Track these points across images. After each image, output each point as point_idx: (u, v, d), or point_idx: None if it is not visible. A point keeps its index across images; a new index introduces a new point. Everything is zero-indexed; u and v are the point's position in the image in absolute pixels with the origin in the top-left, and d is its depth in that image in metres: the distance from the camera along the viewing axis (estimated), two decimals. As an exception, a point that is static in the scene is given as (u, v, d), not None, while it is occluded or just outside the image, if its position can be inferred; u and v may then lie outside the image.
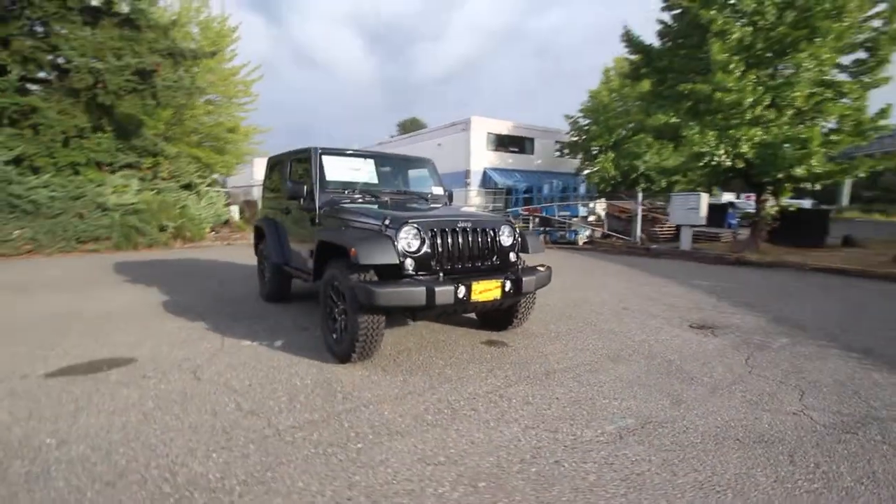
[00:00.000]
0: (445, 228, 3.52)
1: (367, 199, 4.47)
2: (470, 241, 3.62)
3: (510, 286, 3.52)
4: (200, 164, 17.15)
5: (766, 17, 9.76)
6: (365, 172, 4.74)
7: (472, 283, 3.31)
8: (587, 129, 23.47)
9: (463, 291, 3.24)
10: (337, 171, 4.56)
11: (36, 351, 3.82)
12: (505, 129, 26.92)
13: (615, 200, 16.79)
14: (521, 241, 3.93)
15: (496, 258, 3.77)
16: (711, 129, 10.30)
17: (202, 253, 11.40)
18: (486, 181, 25.34)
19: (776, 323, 4.87)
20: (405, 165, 5.38)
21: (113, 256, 10.53)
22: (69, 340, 4.11)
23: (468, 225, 3.62)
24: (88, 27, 11.79)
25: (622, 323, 4.84)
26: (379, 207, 4.13)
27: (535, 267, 3.95)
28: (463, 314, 4.39)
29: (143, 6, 12.44)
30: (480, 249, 3.68)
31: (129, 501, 1.92)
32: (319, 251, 3.88)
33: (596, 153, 22.90)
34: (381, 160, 5.05)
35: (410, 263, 3.35)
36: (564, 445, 2.38)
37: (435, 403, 2.86)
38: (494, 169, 25.81)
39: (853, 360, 3.73)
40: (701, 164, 10.84)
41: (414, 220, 3.42)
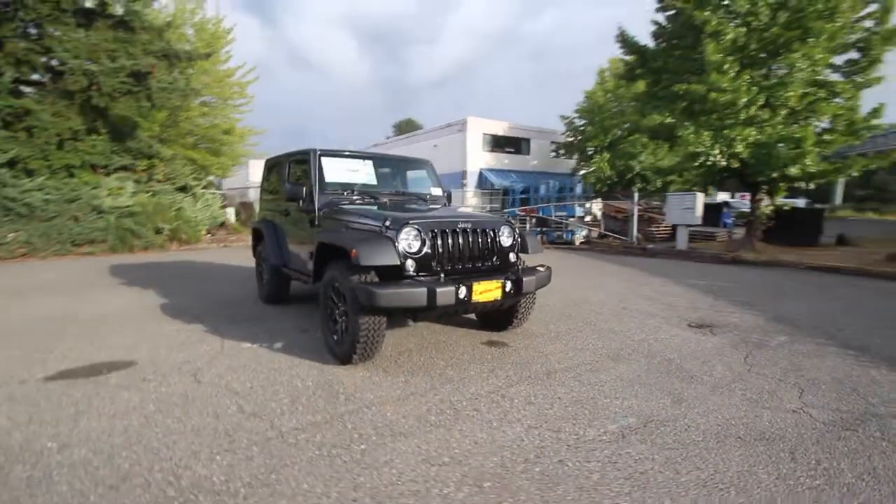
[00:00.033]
0: (446, 229, 3.52)
1: (366, 200, 4.47)
2: (470, 241, 3.63)
3: (511, 286, 3.53)
4: (196, 166, 17.09)
5: (759, 17, 9.84)
6: (364, 174, 4.74)
7: (472, 283, 3.32)
8: (583, 129, 23.55)
9: (464, 292, 3.25)
10: (336, 172, 4.56)
11: (33, 355, 3.79)
12: (501, 129, 26.96)
13: (611, 200, 16.85)
14: (520, 241, 3.94)
15: (496, 259, 3.77)
16: (706, 129, 10.37)
17: (198, 255, 11.34)
18: (482, 182, 25.35)
19: (774, 321, 4.90)
20: (404, 166, 5.38)
21: (108, 259, 10.46)
22: (66, 344, 4.08)
23: (468, 226, 3.63)
24: (82, 29, 11.71)
25: (621, 322, 4.86)
26: (378, 209, 4.14)
27: (534, 267, 3.96)
28: (463, 315, 4.39)
29: (137, 8, 12.38)
30: (481, 250, 3.69)
31: (133, 505, 1.92)
32: (319, 253, 3.88)
33: (591, 153, 22.98)
34: (379, 161, 5.05)
35: (411, 264, 3.35)
36: (568, 445, 2.39)
37: (437, 404, 2.86)
38: (490, 170, 25.84)
39: (850, 357, 3.77)
40: (696, 163, 10.91)
41: (414, 221, 3.43)
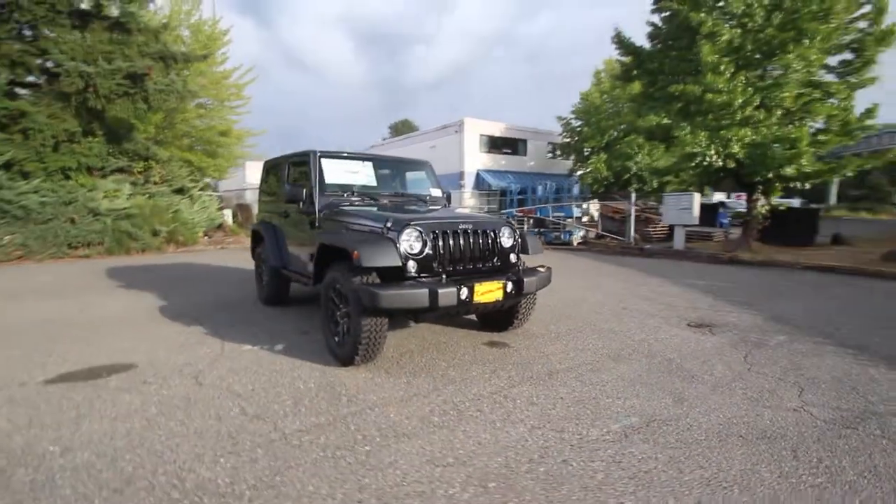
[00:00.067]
0: (447, 230, 3.53)
1: (366, 201, 4.47)
2: (471, 242, 3.64)
3: (512, 287, 3.54)
4: (192, 167, 17.02)
5: (754, 19, 9.91)
6: (364, 175, 4.74)
7: (474, 284, 3.33)
8: (579, 130, 23.66)
9: (465, 293, 3.26)
10: (336, 174, 4.56)
11: (32, 357, 3.77)
12: (497, 130, 27.03)
13: (608, 201, 16.90)
14: (521, 242, 3.96)
15: (497, 259, 3.78)
16: (702, 129, 10.43)
17: (196, 257, 11.30)
18: (479, 183, 25.40)
19: (772, 321, 4.93)
20: (403, 168, 5.39)
21: (105, 262, 10.42)
22: (65, 346, 4.06)
23: (469, 227, 3.64)
24: (78, 31, 11.66)
25: (621, 322, 4.88)
26: (378, 210, 4.14)
27: (535, 268, 3.97)
28: (464, 315, 4.40)
29: (133, 9, 12.32)
30: (482, 251, 3.70)
31: (138, 508, 1.91)
32: (320, 254, 3.87)
33: (588, 154, 23.09)
34: (379, 163, 5.05)
35: (413, 265, 3.35)
36: (571, 445, 2.39)
37: (440, 405, 2.86)
38: (487, 171, 25.89)
39: (849, 356, 3.79)
40: (693, 164, 10.97)
41: (416, 222, 3.43)
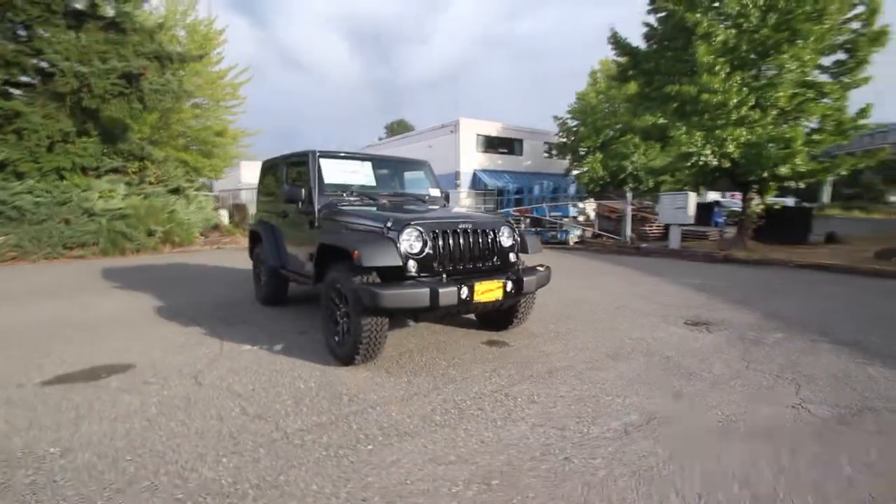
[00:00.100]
0: (447, 230, 3.54)
1: (365, 201, 4.47)
2: (471, 242, 3.65)
3: (511, 286, 3.55)
4: (188, 167, 16.95)
5: (749, 19, 9.98)
6: (362, 175, 4.75)
7: (474, 283, 3.34)
8: (575, 130, 23.73)
9: (466, 292, 3.27)
10: (335, 173, 4.55)
11: (29, 359, 3.74)
12: (494, 130, 27.07)
13: (605, 200, 16.96)
14: (520, 241, 3.97)
15: (497, 259, 3.80)
16: (698, 129, 10.49)
17: (192, 258, 11.25)
18: (475, 183, 25.43)
19: (768, 319, 4.97)
20: (402, 168, 5.40)
21: (100, 262, 10.36)
22: (62, 347, 4.04)
23: (469, 226, 3.65)
24: (73, 30, 11.57)
25: (619, 321, 4.91)
26: (378, 210, 4.14)
27: (534, 267, 3.99)
28: (464, 315, 4.41)
29: (128, 9, 12.25)
30: (481, 250, 3.71)
31: (141, 508, 1.91)
32: (320, 254, 3.87)
33: (584, 154, 23.16)
34: (378, 163, 5.06)
35: (413, 265, 3.36)
36: (573, 442, 2.41)
37: (441, 404, 2.87)
38: (484, 170, 25.92)
39: (844, 353, 3.83)
40: (688, 163, 11.02)
41: (416, 221, 3.44)
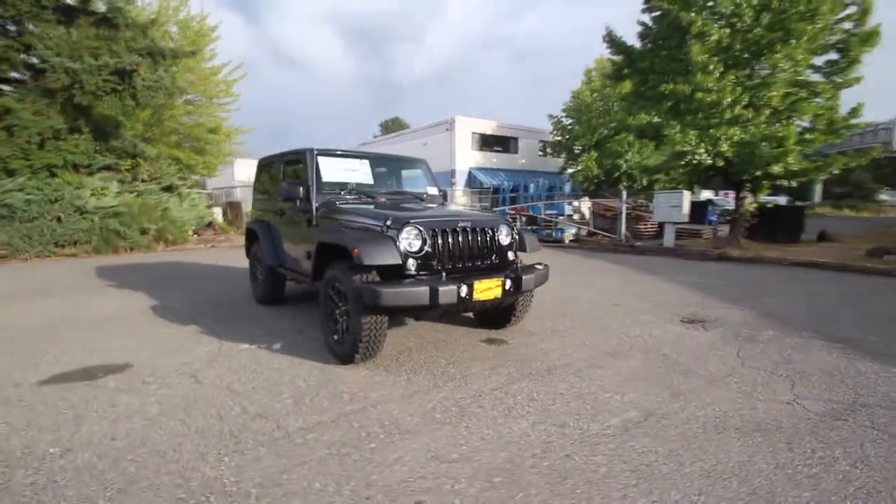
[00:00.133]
0: (446, 228, 3.54)
1: (363, 199, 4.47)
2: (470, 240, 3.66)
3: (510, 284, 3.56)
4: (181, 165, 16.80)
5: (743, 19, 10.04)
6: (360, 173, 4.74)
7: (473, 282, 3.35)
8: (570, 128, 23.78)
9: (465, 291, 3.28)
10: (332, 171, 4.54)
11: (25, 358, 3.71)
12: (489, 128, 27.08)
13: (600, 199, 17.04)
14: (518, 239, 3.99)
15: (495, 257, 3.81)
16: (692, 128, 10.56)
17: (186, 256, 11.18)
18: (471, 181, 25.44)
19: (762, 316, 5.03)
20: (400, 166, 5.39)
21: (93, 260, 10.26)
22: (58, 347, 4.01)
23: (468, 224, 3.66)
24: (63, 26, 11.44)
25: (616, 319, 4.94)
26: (376, 208, 4.14)
27: (533, 265, 4.01)
28: (463, 313, 4.42)
29: (120, 4, 12.08)
30: (480, 249, 3.72)
31: (144, 508, 1.91)
32: (319, 252, 3.86)
33: (579, 152, 23.23)
34: (376, 161, 5.05)
35: (412, 263, 3.37)
36: (573, 439, 2.43)
37: (442, 402, 2.88)
38: (479, 168, 25.94)
39: (837, 350, 3.88)
40: (682, 162, 11.10)
41: (415, 220, 3.44)
